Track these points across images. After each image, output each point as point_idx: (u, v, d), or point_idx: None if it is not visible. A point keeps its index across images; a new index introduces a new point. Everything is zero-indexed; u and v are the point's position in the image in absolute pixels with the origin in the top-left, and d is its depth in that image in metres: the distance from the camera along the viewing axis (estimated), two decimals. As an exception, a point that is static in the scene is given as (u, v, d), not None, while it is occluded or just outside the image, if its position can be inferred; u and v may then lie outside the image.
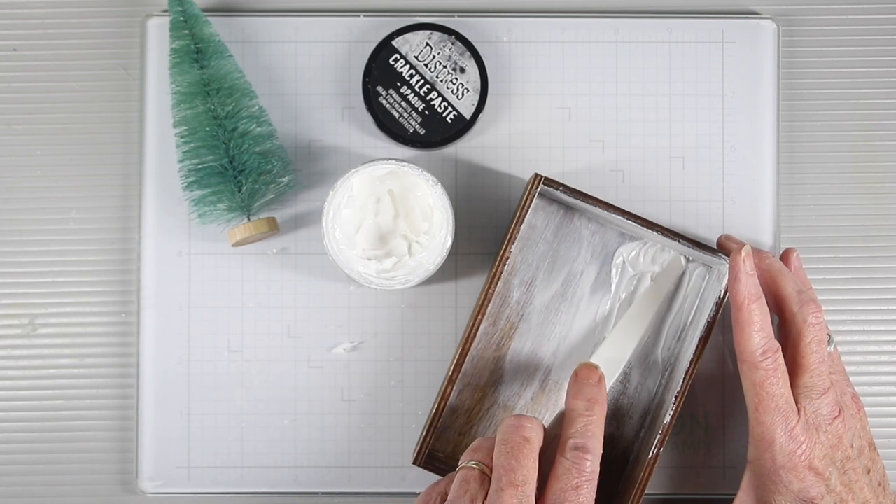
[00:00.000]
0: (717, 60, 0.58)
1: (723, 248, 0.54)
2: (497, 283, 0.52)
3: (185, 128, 0.55)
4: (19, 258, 0.58)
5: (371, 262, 0.52)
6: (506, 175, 0.58)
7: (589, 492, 0.45)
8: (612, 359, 0.54)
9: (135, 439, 0.57)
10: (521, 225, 0.52)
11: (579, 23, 0.58)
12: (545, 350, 0.55)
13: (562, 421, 0.48)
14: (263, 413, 0.57)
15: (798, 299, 0.50)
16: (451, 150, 0.58)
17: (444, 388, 0.52)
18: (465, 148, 0.58)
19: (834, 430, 0.49)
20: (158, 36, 0.57)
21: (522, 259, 0.55)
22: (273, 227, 0.55)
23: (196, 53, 0.55)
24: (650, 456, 0.51)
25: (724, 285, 0.52)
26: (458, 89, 0.56)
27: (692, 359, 0.52)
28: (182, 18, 0.55)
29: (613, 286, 0.55)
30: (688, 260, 0.55)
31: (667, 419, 0.52)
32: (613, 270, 0.55)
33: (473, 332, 0.52)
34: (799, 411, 0.48)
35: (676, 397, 0.52)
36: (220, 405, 0.57)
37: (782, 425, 0.48)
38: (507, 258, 0.52)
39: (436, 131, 0.56)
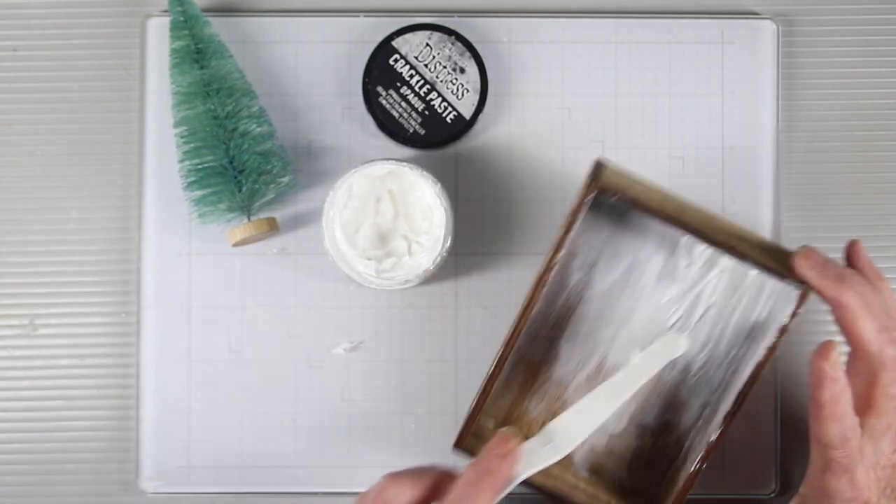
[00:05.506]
0: (716, 60, 0.58)
1: (795, 270, 0.48)
2: (551, 272, 0.49)
3: (186, 128, 0.55)
4: (19, 258, 0.58)
5: (371, 262, 0.52)
6: (506, 175, 0.58)
7: None
8: (565, 437, 0.47)
9: (135, 439, 0.57)
10: (577, 220, 0.48)
11: (579, 23, 0.58)
12: (603, 334, 0.53)
13: None
14: (263, 413, 0.57)
15: (878, 340, 0.46)
16: (451, 150, 0.58)
17: (492, 370, 0.50)
18: (465, 148, 0.58)
19: (889, 462, 0.48)
20: (158, 36, 0.57)
21: (585, 241, 0.53)
22: (273, 227, 0.55)
23: (196, 54, 0.55)
24: (692, 470, 0.50)
25: (789, 311, 0.49)
26: (458, 89, 0.56)
27: (746, 382, 0.49)
28: (182, 18, 0.55)
29: (680, 275, 0.53)
30: (685, 341, 0.50)
31: (713, 437, 0.50)
32: (682, 261, 0.52)
33: (528, 313, 0.49)
34: (861, 455, 0.47)
35: (726, 417, 0.50)
36: (220, 405, 0.57)
37: (848, 482, 0.47)
38: (566, 243, 0.49)
39: (436, 132, 0.56)
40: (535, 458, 0.47)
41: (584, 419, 0.48)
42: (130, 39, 0.58)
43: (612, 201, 0.48)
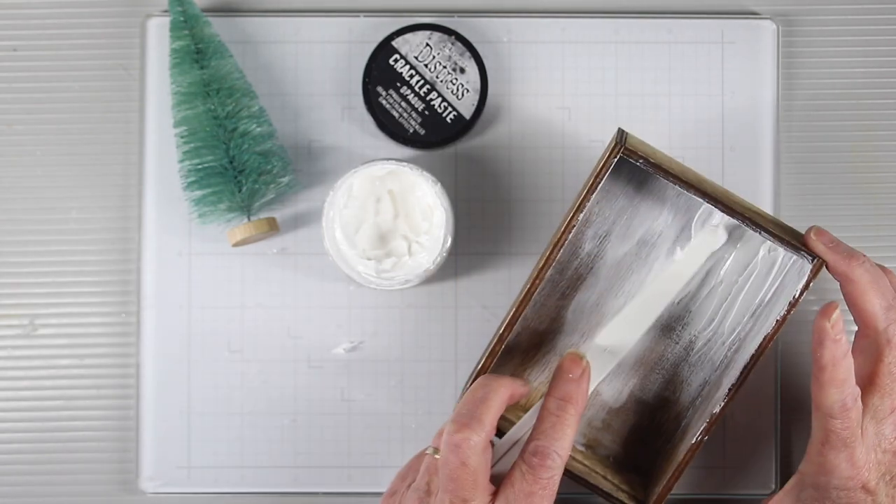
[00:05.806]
0: (716, 60, 0.58)
1: (808, 246, 0.49)
2: (569, 233, 0.49)
3: (186, 128, 0.55)
4: (19, 258, 0.58)
5: (371, 262, 0.52)
6: (506, 175, 0.58)
7: (542, 499, 0.44)
8: (617, 343, 0.49)
9: (135, 439, 0.57)
10: (601, 180, 0.48)
11: (579, 23, 0.58)
12: (610, 305, 0.53)
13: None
14: (263, 413, 0.57)
15: (885, 317, 0.47)
16: (451, 150, 0.58)
17: (500, 332, 0.50)
18: (465, 148, 0.58)
19: (892, 447, 0.47)
20: (158, 36, 0.57)
21: (599, 211, 0.53)
22: (273, 227, 0.55)
23: (196, 54, 0.55)
24: (693, 442, 0.50)
25: (800, 285, 0.49)
26: (458, 89, 0.56)
27: (752, 355, 0.49)
28: (182, 18, 0.55)
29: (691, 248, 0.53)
30: (729, 236, 0.52)
31: (717, 409, 0.49)
32: (694, 230, 0.52)
33: (539, 279, 0.49)
34: (862, 433, 0.47)
35: (730, 390, 0.49)
36: (220, 405, 0.57)
37: (847, 459, 0.46)
38: (584, 208, 0.49)
39: (436, 132, 0.56)
40: (598, 367, 0.48)
41: (637, 320, 0.49)
42: (130, 39, 0.58)
43: (639, 164, 0.48)
